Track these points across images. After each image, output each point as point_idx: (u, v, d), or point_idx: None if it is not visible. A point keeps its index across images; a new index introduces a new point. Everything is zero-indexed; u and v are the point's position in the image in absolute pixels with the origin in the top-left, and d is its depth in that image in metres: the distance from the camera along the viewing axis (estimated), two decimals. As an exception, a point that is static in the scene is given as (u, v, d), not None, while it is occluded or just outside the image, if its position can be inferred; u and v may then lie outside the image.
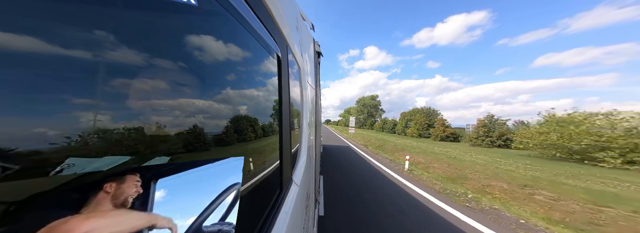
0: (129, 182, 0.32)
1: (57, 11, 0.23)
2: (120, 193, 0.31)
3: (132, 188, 0.32)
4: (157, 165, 0.34)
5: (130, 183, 0.32)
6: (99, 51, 0.26)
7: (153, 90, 0.33)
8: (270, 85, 0.81)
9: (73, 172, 0.25)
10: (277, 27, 0.81)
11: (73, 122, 0.24)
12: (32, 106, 0.22)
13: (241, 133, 0.61)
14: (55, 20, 0.23)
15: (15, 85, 0.21)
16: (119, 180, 0.31)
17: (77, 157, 0.25)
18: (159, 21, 0.34)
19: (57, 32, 0.23)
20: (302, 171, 1.33)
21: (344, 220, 4.06)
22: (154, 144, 0.34)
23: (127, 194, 0.31)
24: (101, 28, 0.26)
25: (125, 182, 0.31)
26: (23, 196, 0.22)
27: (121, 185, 0.31)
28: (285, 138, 0.92)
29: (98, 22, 0.26)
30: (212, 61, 0.46)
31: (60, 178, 0.24)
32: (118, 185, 0.31)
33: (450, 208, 4.79)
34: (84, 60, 0.25)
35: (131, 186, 0.32)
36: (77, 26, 0.24)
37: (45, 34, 0.22)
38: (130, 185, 0.32)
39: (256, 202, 0.66)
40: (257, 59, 0.67)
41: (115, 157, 0.28)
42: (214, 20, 0.46)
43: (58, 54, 0.23)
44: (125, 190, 0.31)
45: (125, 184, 0.31)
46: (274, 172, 0.82)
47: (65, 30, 0.23)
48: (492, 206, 5.04)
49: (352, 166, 9.11)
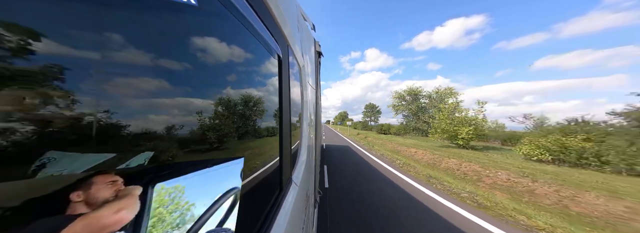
0: (128, 181, 0.32)
1: (57, 11, 0.23)
2: (119, 193, 0.31)
3: (131, 187, 0.32)
4: (157, 165, 0.34)
5: (128, 183, 0.32)
6: (99, 51, 0.26)
7: (153, 90, 0.33)
8: (271, 85, 0.81)
9: (73, 171, 0.25)
10: (278, 27, 0.81)
11: (73, 122, 0.24)
12: (32, 106, 0.22)
13: (241, 133, 0.61)
14: (55, 20, 0.23)
15: (14, 85, 0.21)
16: (118, 179, 0.31)
17: (77, 157, 0.25)
18: (159, 21, 0.34)
19: (57, 31, 0.23)
20: (302, 171, 1.33)
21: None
22: (155, 144, 0.34)
23: (126, 194, 0.31)
24: (101, 28, 0.26)
25: (124, 182, 0.31)
26: (21, 196, 0.21)
27: (120, 185, 0.31)
28: (285, 138, 0.92)
29: (98, 22, 0.26)
30: (213, 61, 0.46)
31: (60, 178, 0.24)
32: (117, 185, 0.30)
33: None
34: (84, 60, 0.25)
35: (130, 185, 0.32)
36: (77, 26, 0.24)
37: (45, 34, 0.22)
38: (129, 185, 0.32)
39: (256, 202, 0.66)
40: (257, 58, 0.67)
41: (115, 156, 0.28)
42: (215, 20, 0.46)
43: (59, 53, 0.23)
44: (124, 190, 0.31)
45: (123, 184, 0.31)
46: (273, 172, 0.82)
47: (65, 30, 0.23)
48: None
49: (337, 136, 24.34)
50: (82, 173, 0.26)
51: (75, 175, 0.26)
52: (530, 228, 3.82)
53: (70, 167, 0.24)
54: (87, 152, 0.26)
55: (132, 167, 0.31)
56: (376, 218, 3.98)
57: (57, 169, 0.23)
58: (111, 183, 0.30)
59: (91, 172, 0.27)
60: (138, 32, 0.31)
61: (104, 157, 0.27)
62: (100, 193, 0.29)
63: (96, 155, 0.27)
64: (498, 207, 4.70)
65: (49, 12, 0.22)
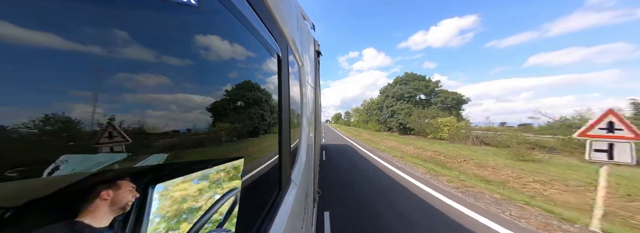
0: (127, 181, 0.32)
1: (57, 11, 0.23)
2: (118, 193, 0.31)
3: (130, 187, 0.32)
4: (156, 165, 0.34)
5: (127, 183, 0.32)
6: (99, 51, 0.26)
7: (153, 90, 0.33)
8: (270, 84, 0.80)
9: (73, 171, 0.25)
10: (277, 26, 0.81)
11: (73, 122, 0.24)
12: (31, 106, 0.22)
13: (240, 133, 0.61)
14: (55, 20, 0.23)
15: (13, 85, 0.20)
16: (118, 179, 0.31)
17: (76, 157, 0.25)
18: (159, 21, 0.34)
19: (57, 31, 0.23)
20: (301, 171, 1.33)
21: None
22: (154, 143, 0.34)
23: (124, 194, 0.31)
24: (101, 27, 0.26)
25: (124, 182, 0.31)
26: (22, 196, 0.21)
27: (119, 184, 0.31)
28: (284, 137, 0.92)
29: (98, 21, 0.26)
30: (212, 60, 0.46)
31: (60, 178, 0.24)
32: (116, 185, 0.30)
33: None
34: (83, 60, 0.25)
35: (128, 186, 0.32)
36: (77, 26, 0.24)
37: (44, 34, 0.22)
38: (128, 185, 0.32)
39: (255, 202, 0.66)
40: (257, 57, 0.67)
41: (114, 156, 0.28)
42: (215, 19, 0.46)
43: (58, 53, 0.23)
44: (123, 190, 0.31)
45: (123, 184, 0.31)
46: (272, 171, 0.82)
47: (65, 29, 0.23)
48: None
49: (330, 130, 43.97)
50: (82, 174, 0.26)
51: (75, 176, 0.26)
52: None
53: (70, 168, 0.24)
54: (87, 152, 0.26)
55: (131, 167, 0.31)
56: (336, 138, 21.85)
57: (57, 169, 0.23)
58: (109, 184, 0.30)
59: (90, 172, 0.27)
60: (138, 31, 0.31)
61: (103, 157, 0.27)
62: (99, 193, 0.29)
63: (94, 155, 0.27)
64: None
65: (49, 12, 0.22)
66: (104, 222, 0.30)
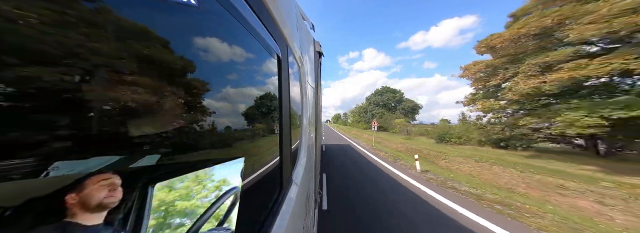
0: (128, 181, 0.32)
1: (57, 11, 0.23)
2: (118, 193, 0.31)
3: (131, 188, 0.32)
4: (158, 165, 0.34)
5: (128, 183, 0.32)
6: (98, 51, 0.26)
7: (153, 90, 0.33)
8: (270, 85, 0.81)
9: (73, 171, 0.25)
10: (277, 27, 0.81)
11: (73, 122, 0.24)
12: (31, 106, 0.22)
13: (241, 133, 0.61)
14: (55, 20, 0.23)
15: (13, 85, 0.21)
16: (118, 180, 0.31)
17: (76, 156, 0.25)
18: (159, 21, 0.34)
19: (57, 31, 0.23)
20: (302, 171, 1.33)
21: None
22: (154, 143, 0.34)
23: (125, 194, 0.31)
24: (100, 28, 0.26)
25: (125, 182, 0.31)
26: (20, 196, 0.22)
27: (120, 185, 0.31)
28: (285, 138, 0.92)
29: (97, 22, 0.26)
30: (212, 61, 0.46)
31: (59, 178, 0.24)
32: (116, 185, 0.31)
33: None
34: (83, 60, 0.25)
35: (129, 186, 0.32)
36: (77, 26, 0.24)
37: (44, 34, 0.22)
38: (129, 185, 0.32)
39: (256, 202, 0.66)
40: (257, 58, 0.67)
41: (114, 156, 0.28)
42: (214, 20, 0.46)
43: (58, 53, 0.23)
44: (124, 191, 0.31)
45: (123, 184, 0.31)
46: (274, 171, 0.82)
47: (65, 29, 0.23)
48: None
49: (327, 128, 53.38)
50: (82, 174, 0.26)
51: (75, 176, 0.26)
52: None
53: (70, 167, 0.24)
54: (86, 152, 0.26)
55: (131, 167, 0.31)
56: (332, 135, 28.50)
57: (56, 170, 0.23)
58: (109, 183, 0.30)
59: (89, 172, 0.27)
60: (138, 31, 0.31)
61: (103, 157, 0.27)
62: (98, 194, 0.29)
63: (94, 155, 0.27)
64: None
65: (49, 12, 0.23)
66: (104, 222, 0.30)
